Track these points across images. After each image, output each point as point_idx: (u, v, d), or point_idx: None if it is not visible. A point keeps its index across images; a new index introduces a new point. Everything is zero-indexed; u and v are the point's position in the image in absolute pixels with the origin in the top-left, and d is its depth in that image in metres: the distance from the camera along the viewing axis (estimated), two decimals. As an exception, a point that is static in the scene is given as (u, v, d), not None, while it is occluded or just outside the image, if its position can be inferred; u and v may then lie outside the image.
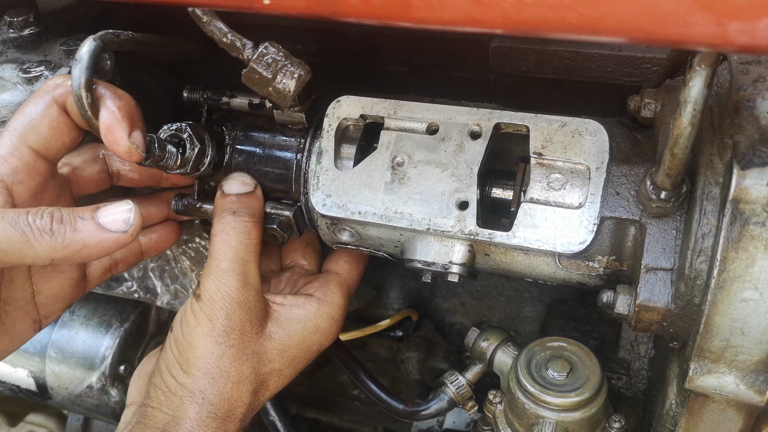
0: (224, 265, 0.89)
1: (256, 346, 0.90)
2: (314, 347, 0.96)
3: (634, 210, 0.83)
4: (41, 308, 0.90)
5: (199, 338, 0.87)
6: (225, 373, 0.87)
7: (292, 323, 0.94)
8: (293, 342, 0.93)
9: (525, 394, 0.91)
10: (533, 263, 0.90)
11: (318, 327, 0.95)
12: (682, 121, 0.65)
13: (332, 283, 1.00)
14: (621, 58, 1.01)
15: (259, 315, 0.91)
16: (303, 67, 0.76)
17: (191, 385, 0.86)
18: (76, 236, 0.74)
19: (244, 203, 0.94)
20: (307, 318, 0.94)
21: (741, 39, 0.49)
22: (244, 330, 0.89)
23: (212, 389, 0.87)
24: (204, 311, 0.88)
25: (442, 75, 1.19)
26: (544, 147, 0.86)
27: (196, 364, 0.87)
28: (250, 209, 0.94)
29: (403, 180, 0.90)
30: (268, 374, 0.92)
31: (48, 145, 0.83)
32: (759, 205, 0.68)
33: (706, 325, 0.74)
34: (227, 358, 0.88)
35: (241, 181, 0.97)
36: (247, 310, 0.89)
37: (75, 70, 0.77)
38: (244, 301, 0.89)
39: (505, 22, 0.53)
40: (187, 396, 0.86)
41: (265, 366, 0.91)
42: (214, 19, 0.74)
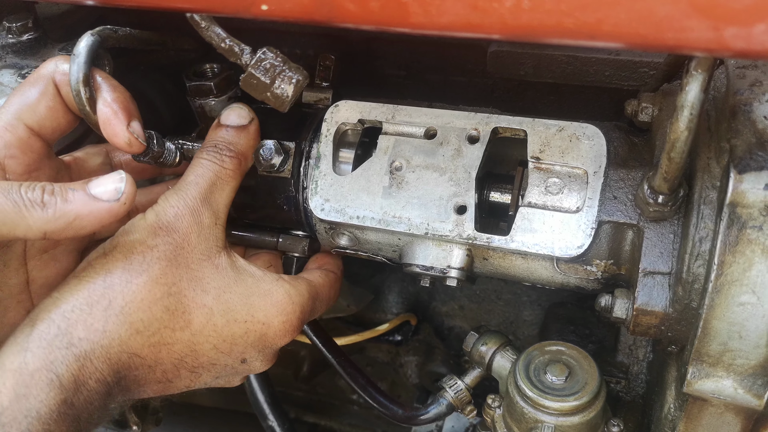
0: (189, 179, 0.84)
1: (196, 264, 0.81)
2: (260, 314, 0.84)
3: (631, 214, 0.83)
4: (36, 298, 0.87)
5: (137, 228, 0.79)
6: (148, 264, 0.77)
7: (245, 273, 0.85)
8: (239, 288, 0.83)
9: (524, 399, 0.91)
10: (531, 267, 0.90)
11: (271, 292, 0.85)
12: (679, 126, 0.66)
13: (301, 280, 0.92)
14: (618, 63, 1.02)
15: (211, 239, 0.82)
16: (301, 72, 0.76)
17: (102, 265, 0.77)
18: (68, 207, 0.72)
19: (232, 137, 0.88)
20: (262, 278, 0.86)
21: (737, 44, 0.49)
22: (188, 238, 0.80)
23: (123, 274, 0.76)
24: (154, 209, 0.81)
25: (440, 79, 1.20)
26: (541, 151, 0.86)
27: (121, 247, 0.78)
28: (235, 145, 0.88)
29: (402, 184, 0.90)
30: (195, 304, 0.80)
31: (43, 123, 0.82)
32: (756, 209, 0.68)
33: (703, 329, 0.74)
34: (158, 251, 0.78)
35: (237, 112, 0.90)
36: (198, 222, 0.81)
37: (73, 65, 0.78)
38: (197, 212, 0.81)
39: (502, 28, 0.53)
40: (87, 277, 0.76)
41: (195, 291, 0.80)
42: (213, 25, 0.74)
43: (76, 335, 0.72)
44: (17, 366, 0.69)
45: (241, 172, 0.89)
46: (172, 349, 0.79)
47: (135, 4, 0.71)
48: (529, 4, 0.51)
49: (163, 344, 0.78)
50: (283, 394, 1.60)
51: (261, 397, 1.23)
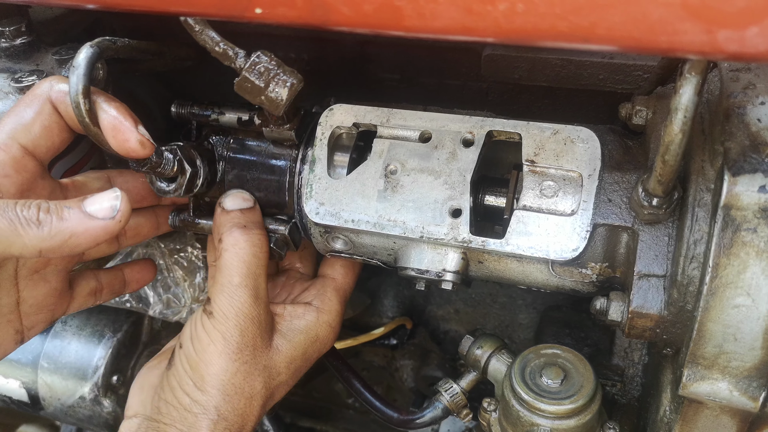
0: (236, 280, 0.89)
1: (267, 360, 0.91)
2: (314, 356, 0.98)
3: (626, 217, 0.83)
4: (25, 318, 0.89)
5: (213, 356, 0.88)
6: (239, 389, 0.88)
7: (295, 334, 0.95)
8: (298, 353, 0.95)
9: (519, 402, 0.91)
10: (526, 270, 0.90)
11: (318, 336, 0.97)
12: (673, 128, 0.66)
13: (329, 290, 1.01)
14: (612, 66, 1.02)
15: (268, 329, 0.92)
16: (295, 75, 0.76)
17: (206, 402, 0.87)
18: (63, 225, 0.73)
19: (249, 218, 0.95)
20: (308, 328, 0.96)
21: (730, 47, 0.49)
22: (255, 345, 0.90)
23: (227, 405, 0.87)
24: (217, 328, 0.88)
25: (435, 83, 1.20)
26: (536, 154, 0.87)
27: (211, 382, 0.87)
28: (257, 223, 0.95)
29: (396, 188, 0.90)
30: (277, 387, 0.94)
31: (37, 143, 0.82)
32: (750, 211, 0.68)
33: (698, 332, 0.74)
34: (241, 374, 0.89)
35: (241, 197, 0.97)
36: (258, 325, 0.90)
37: (72, 77, 0.77)
38: (256, 317, 0.89)
39: (497, 31, 0.53)
40: (202, 413, 0.87)
41: (275, 379, 0.93)
42: (207, 29, 0.74)
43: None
44: None
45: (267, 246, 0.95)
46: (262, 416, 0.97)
47: (129, 9, 0.71)
48: (523, 7, 0.51)
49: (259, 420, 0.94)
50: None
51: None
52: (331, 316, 0.99)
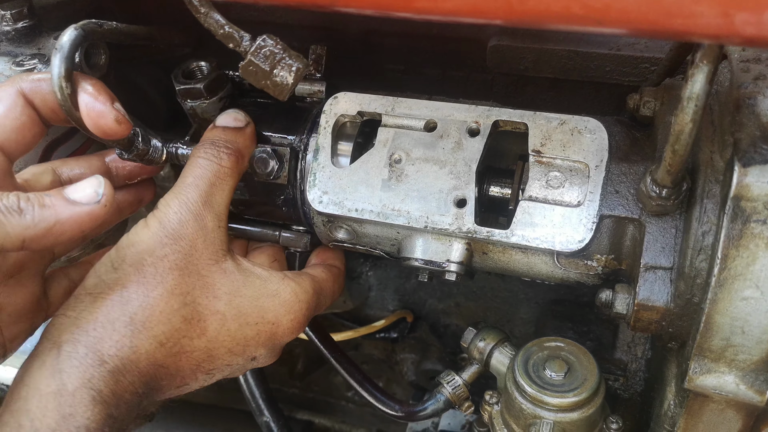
0: (188, 180, 0.83)
1: (206, 270, 0.81)
2: (269, 315, 0.85)
3: (633, 208, 0.83)
4: (5, 329, 0.83)
5: (143, 237, 0.78)
6: (160, 275, 0.77)
7: (252, 275, 0.85)
8: (248, 291, 0.84)
9: (522, 395, 0.91)
10: (531, 262, 0.89)
11: (278, 293, 0.86)
12: (683, 117, 0.65)
13: (305, 276, 0.93)
14: (619, 58, 1.01)
15: (216, 242, 0.83)
16: (301, 60, 0.75)
17: (115, 281, 0.75)
18: (46, 212, 0.69)
19: (229, 136, 0.89)
20: (269, 278, 0.86)
21: (747, 30, 0.48)
22: (195, 244, 0.80)
23: (139, 288, 0.75)
24: (156, 216, 0.80)
25: (439, 74, 1.19)
26: (543, 145, 0.86)
27: (131, 259, 0.76)
28: (232, 143, 0.88)
29: (401, 177, 0.89)
30: (209, 311, 0.81)
31: (8, 137, 0.79)
32: (760, 202, 0.67)
33: (706, 324, 0.73)
34: (169, 261, 0.78)
35: (233, 116, 0.91)
36: (202, 226, 0.81)
37: (55, 59, 0.76)
38: (200, 216, 0.81)
39: (508, 13, 0.52)
40: (104, 292, 0.75)
41: (208, 298, 0.81)
42: (212, 11, 0.73)
43: (106, 352, 0.72)
44: (55, 388, 0.69)
45: (239, 171, 0.89)
46: (191, 356, 0.80)
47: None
48: (536, -12, 0.50)
49: (183, 353, 0.79)
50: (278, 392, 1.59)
51: (257, 394, 1.22)
52: (300, 288, 0.88)
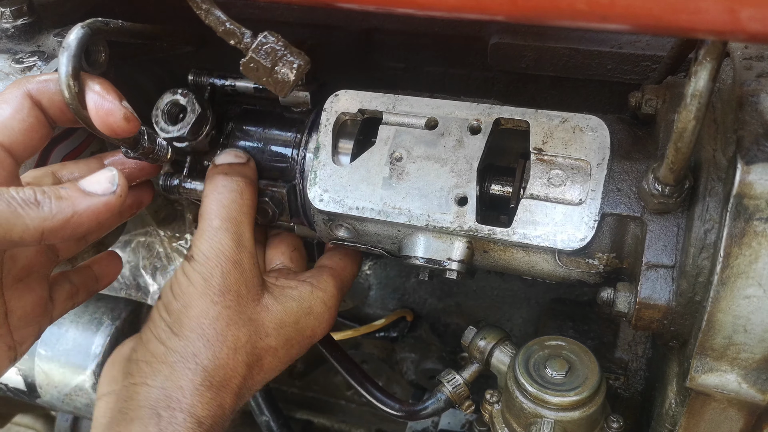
0: (216, 223, 0.85)
1: (253, 313, 0.85)
2: (308, 331, 0.92)
3: (635, 206, 0.82)
4: (15, 332, 0.84)
5: (193, 298, 0.82)
6: (221, 335, 0.82)
7: (287, 300, 0.89)
8: (290, 319, 0.89)
9: (523, 393, 0.90)
10: (532, 260, 0.89)
11: (312, 309, 0.91)
12: (687, 115, 0.65)
13: (325, 274, 0.97)
14: (621, 56, 1.01)
15: (255, 281, 0.87)
16: (302, 57, 0.74)
17: (183, 348, 0.80)
18: (63, 204, 0.70)
19: (236, 170, 0.91)
20: (301, 298, 0.91)
21: (752, 26, 0.48)
22: (240, 292, 0.84)
23: (207, 352, 0.81)
24: (198, 270, 0.83)
25: (440, 72, 1.19)
26: (544, 143, 0.85)
27: (190, 325, 0.81)
28: (242, 174, 0.91)
29: (402, 175, 0.89)
30: (264, 350, 0.87)
31: (15, 138, 0.78)
32: (763, 200, 0.67)
33: (708, 323, 0.73)
34: (224, 319, 0.82)
35: (234, 154, 0.94)
36: (242, 271, 0.85)
37: (62, 58, 0.75)
38: (239, 262, 0.84)
39: (512, 8, 0.52)
40: (179, 361, 0.80)
41: (262, 339, 0.86)
42: (213, 8, 0.73)
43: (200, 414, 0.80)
44: None
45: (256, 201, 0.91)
46: (252, 389, 0.89)
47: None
48: (540, -16, 0.50)
49: (246, 388, 0.87)
50: (278, 391, 1.59)
51: (257, 393, 1.22)
52: (326, 294, 0.94)
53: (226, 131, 0.98)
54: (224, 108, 1.00)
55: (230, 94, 0.99)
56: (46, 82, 0.79)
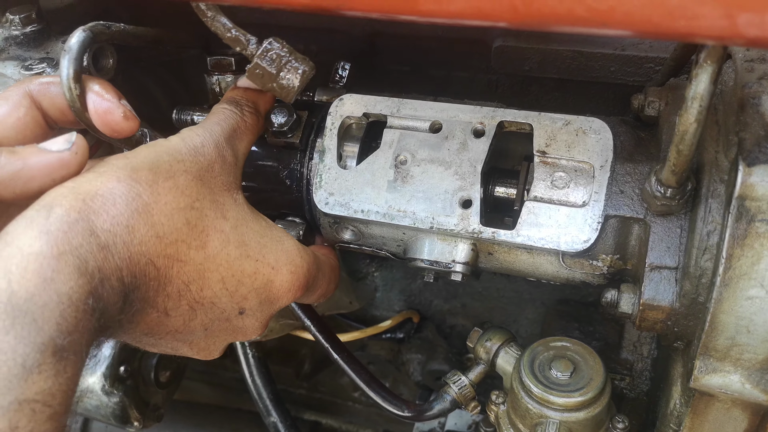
0: (213, 119, 0.82)
1: (218, 191, 0.78)
2: (270, 256, 0.81)
3: (638, 208, 0.83)
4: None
5: (162, 143, 0.77)
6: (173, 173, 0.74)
7: (260, 217, 0.84)
8: (254, 225, 0.81)
9: (528, 394, 0.91)
10: (537, 262, 0.90)
11: (282, 240, 0.84)
12: (688, 117, 0.65)
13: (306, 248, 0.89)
14: (624, 58, 1.02)
15: (232, 175, 0.81)
16: (307, 63, 0.75)
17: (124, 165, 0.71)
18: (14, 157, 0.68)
19: (250, 96, 0.87)
20: (275, 227, 0.85)
21: (751, 31, 0.48)
22: (213, 165, 0.78)
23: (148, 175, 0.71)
24: (179, 134, 0.79)
25: (444, 75, 1.19)
26: (547, 145, 0.86)
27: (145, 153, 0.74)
28: (253, 102, 0.87)
29: (407, 178, 0.90)
30: (214, 227, 0.77)
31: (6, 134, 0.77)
32: (765, 201, 0.67)
33: (711, 324, 0.73)
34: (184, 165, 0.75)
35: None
36: (221, 155, 0.80)
37: (64, 61, 0.76)
38: (221, 147, 0.80)
39: (513, 15, 0.53)
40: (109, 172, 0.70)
41: (216, 214, 0.77)
42: (219, 14, 0.74)
43: (100, 225, 0.65)
44: (39, 249, 0.61)
45: (258, 129, 0.87)
46: (183, 268, 0.74)
47: (139, -5, 0.70)
48: (540, -9, 0.51)
49: (176, 259, 0.73)
50: (285, 392, 1.59)
51: (264, 394, 1.23)
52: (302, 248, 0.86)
53: None
54: None
55: None
56: (48, 84, 0.79)
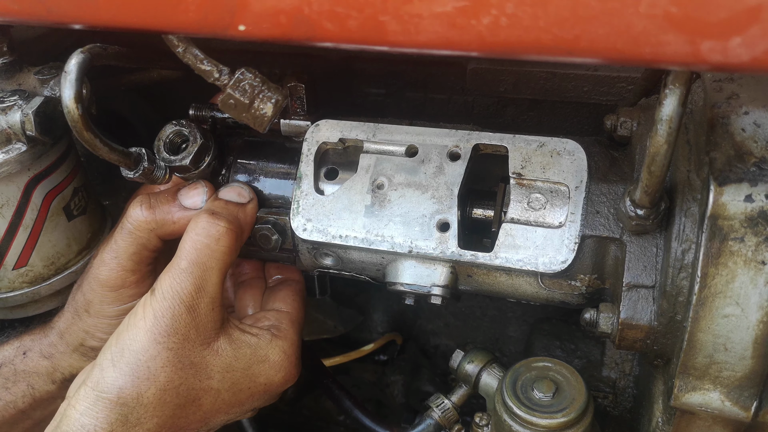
0: (183, 264, 0.86)
1: (198, 357, 0.86)
2: (260, 378, 0.91)
3: (614, 228, 0.83)
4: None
5: (140, 332, 0.83)
6: (153, 375, 0.82)
7: (242, 345, 0.89)
8: (239, 364, 0.89)
9: (511, 416, 0.90)
10: (516, 283, 0.90)
11: (267, 357, 0.91)
12: (658, 140, 0.66)
13: (285, 321, 0.97)
14: (596, 78, 1.02)
15: (209, 326, 0.87)
16: (280, 92, 0.75)
17: (113, 380, 0.82)
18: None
19: (231, 210, 0.92)
20: (258, 345, 0.91)
21: (714, 57, 0.49)
22: (187, 337, 0.84)
23: (132, 390, 0.82)
24: (152, 306, 0.84)
25: (420, 97, 1.20)
26: (523, 167, 0.87)
27: (128, 359, 0.82)
28: (232, 216, 0.91)
29: (384, 203, 0.90)
30: (203, 390, 0.86)
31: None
32: (737, 220, 0.68)
33: (689, 342, 0.74)
34: (161, 360, 0.83)
35: (237, 191, 0.95)
36: (195, 316, 0.85)
37: (64, 83, 0.77)
38: (193, 307, 0.85)
39: (481, 45, 0.53)
40: (104, 393, 0.81)
41: (201, 381, 0.86)
42: (190, 46, 0.74)
43: None
44: None
45: (237, 247, 0.91)
46: (188, 427, 0.87)
47: (113, 27, 0.70)
48: (507, 21, 0.51)
49: (179, 428, 0.86)
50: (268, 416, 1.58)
51: (245, 422, 1.21)
52: (286, 343, 0.93)
53: (228, 162, 0.99)
54: (226, 139, 1.01)
55: (231, 126, 1.00)
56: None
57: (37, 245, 0.98)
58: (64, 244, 1.01)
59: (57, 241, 1.00)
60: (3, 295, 1.00)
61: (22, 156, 0.90)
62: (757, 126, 0.72)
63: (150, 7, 0.65)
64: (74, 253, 1.03)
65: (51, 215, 0.98)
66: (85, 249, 1.04)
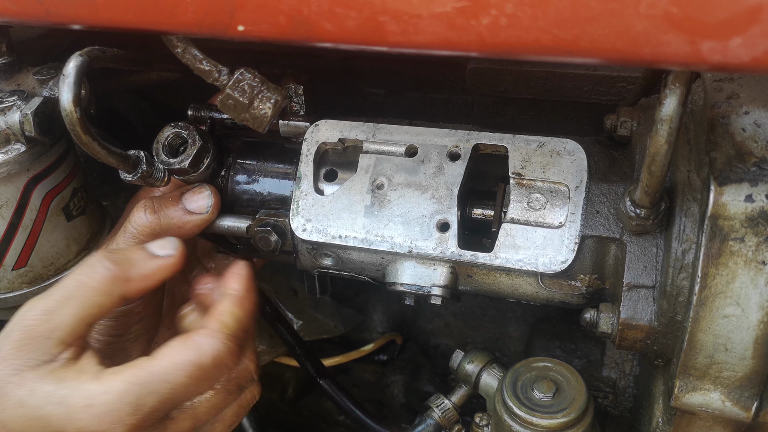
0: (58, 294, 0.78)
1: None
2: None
3: (614, 228, 0.83)
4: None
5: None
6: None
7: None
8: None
9: (511, 416, 0.90)
10: (516, 284, 0.90)
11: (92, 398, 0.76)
12: (658, 140, 0.66)
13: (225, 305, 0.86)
14: (596, 78, 1.03)
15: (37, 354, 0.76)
16: (279, 92, 0.75)
17: None
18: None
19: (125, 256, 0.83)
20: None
21: (714, 57, 0.49)
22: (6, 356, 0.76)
23: None
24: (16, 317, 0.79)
25: (420, 96, 1.20)
26: (523, 167, 0.86)
27: None
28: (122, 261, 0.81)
29: (384, 203, 0.90)
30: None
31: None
32: (737, 220, 0.68)
33: (689, 342, 0.74)
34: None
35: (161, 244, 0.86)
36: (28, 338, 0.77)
37: (63, 86, 0.76)
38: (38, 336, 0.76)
39: (480, 45, 0.53)
40: None
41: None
42: (189, 46, 0.74)
43: None
44: None
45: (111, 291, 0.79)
46: None
47: (111, 28, 0.70)
48: (506, 21, 0.51)
49: None
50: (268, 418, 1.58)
51: (245, 422, 1.21)
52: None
53: (227, 163, 0.99)
54: (224, 141, 1.01)
55: (230, 127, 1.00)
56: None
57: (36, 246, 0.97)
58: (63, 245, 1.01)
59: (56, 242, 1.00)
60: (2, 296, 1.00)
61: (21, 156, 0.90)
62: (757, 126, 0.72)
63: (149, 8, 0.65)
64: (74, 253, 1.03)
65: (50, 216, 0.97)
66: (84, 249, 1.04)
